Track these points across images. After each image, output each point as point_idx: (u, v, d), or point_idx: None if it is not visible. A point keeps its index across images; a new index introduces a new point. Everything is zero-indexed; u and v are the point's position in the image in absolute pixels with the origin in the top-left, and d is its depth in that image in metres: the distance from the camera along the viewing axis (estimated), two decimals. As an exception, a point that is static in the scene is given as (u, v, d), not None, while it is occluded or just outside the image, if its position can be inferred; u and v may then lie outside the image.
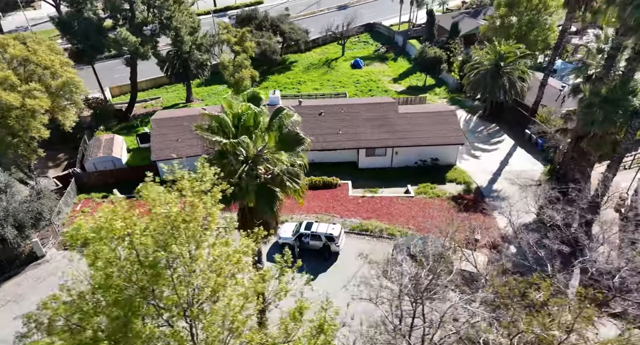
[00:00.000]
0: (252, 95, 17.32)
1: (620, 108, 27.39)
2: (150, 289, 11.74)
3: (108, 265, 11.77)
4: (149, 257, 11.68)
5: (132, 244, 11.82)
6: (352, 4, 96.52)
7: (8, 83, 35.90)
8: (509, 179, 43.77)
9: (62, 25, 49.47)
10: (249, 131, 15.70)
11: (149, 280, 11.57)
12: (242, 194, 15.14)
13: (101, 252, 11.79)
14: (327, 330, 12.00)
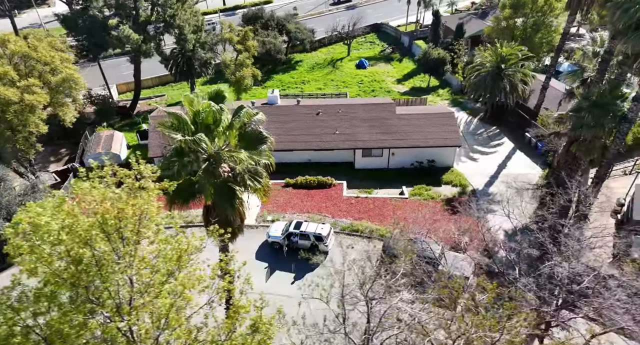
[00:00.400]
0: (216, 93, 17.41)
1: (609, 113, 26.96)
2: (83, 286, 11.83)
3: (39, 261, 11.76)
4: (73, 254, 11.67)
5: (60, 240, 11.80)
6: (361, 4, 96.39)
7: (8, 78, 36.54)
8: (505, 182, 43.24)
9: (67, 23, 50.17)
10: (209, 129, 15.80)
11: (73, 276, 11.67)
12: (199, 192, 15.27)
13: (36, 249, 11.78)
14: (261, 329, 12.04)
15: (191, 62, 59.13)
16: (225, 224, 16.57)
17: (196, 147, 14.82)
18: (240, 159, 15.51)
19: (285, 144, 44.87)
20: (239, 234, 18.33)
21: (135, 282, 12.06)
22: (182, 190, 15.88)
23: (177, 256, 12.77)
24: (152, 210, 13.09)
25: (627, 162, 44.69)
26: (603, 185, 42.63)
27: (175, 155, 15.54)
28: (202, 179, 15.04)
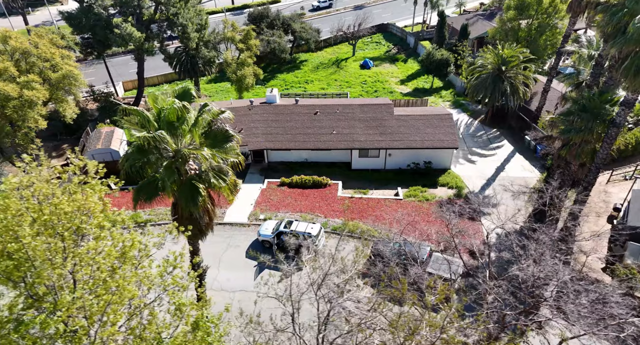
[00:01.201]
0: (183, 91, 17.49)
1: (598, 117, 26.57)
2: (19, 281, 11.97)
3: None
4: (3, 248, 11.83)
5: None
6: (369, 4, 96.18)
7: (8, 74, 37.17)
8: (503, 185, 42.91)
9: (71, 20, 50.85)
10: (172, 126, 15.91)
11: (5, 271, 11.83)
12: (162, 189, 15.40)
13: None
14: (202, 327, 12.09)
15: (195, 60, 59.60)
16: (190, 222, 16.71)
17: (158, 144, 14.94)
18: (202, 156, 15.59)
19: (283, 143, 45.04)
20: (208, 232, 18.41)
21: (77, 279, 12.14)
22: (146, 187, 16.03)
23: (120, 253, 12.78)
24: (94, 206, 13.12)
25: (629, 166, 44.05)
26: (602, 190, 42.19)
27: (136, 152, 15.67)
28: (164, 176, 15.16)
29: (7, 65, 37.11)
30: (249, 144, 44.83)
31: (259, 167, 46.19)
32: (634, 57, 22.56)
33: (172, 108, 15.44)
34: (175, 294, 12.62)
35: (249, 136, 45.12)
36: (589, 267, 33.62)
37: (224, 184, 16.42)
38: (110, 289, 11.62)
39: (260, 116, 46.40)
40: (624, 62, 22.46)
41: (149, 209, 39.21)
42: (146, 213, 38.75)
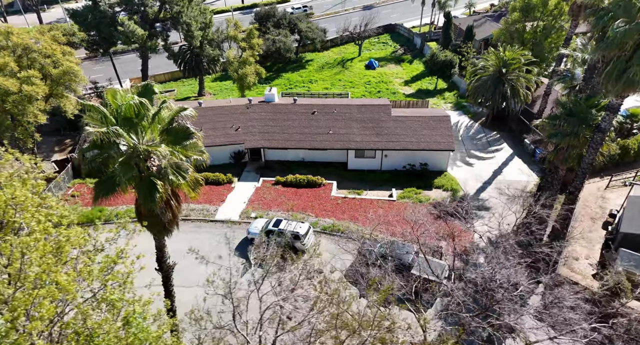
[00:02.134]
0: (145, 88, 17.68)
1: (584, 122, 26.15)
2: None
3: None
4: None
5: None
6: (378, 4, 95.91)
7: (8, 69, 37.92)
8: (498, 188, 42.55)
9: (76, 17, 51.68)
10: (131, 123, 16.11)
11: None
12: (118, 185, 15.60)
13: None
14: (133, 322, 12.18)
15: (199, 58, 60.14)
16: (152, 218, 16.92)
17: (113, 139, 15.14)
18: (159, 152, 15.76)
19: (279, 142, 45.21)
20: (172, 229, 18.58)
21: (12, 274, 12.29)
22: (104, 182, 16.27)
23: (55, 248, 12.84)
24: (25, 200, 13.22)
25: (629, 172, 43.29)
26: (600, 195, 41.52)
27: (92, 147, 15.91)
28: (119, 172, 15.37)
29: (7, 60, 37.89)
30: (246, 142, 45.11)
31: (255, 166, 46.42)
32: (616, 62, 22.20)
33: (128, 104, 15.65)
34: (109, 289, 12.59)
35: (246, 134, 45.39)
36: (580, 272, 33.17)
37: (183, 180, 16.57)
38: (41, 283, 11.71)
39: (257, 115, 46.63)
40: (607, 66, 22.08)
41: (142, 205, 39.70)
42: (140, 208, 39.18)
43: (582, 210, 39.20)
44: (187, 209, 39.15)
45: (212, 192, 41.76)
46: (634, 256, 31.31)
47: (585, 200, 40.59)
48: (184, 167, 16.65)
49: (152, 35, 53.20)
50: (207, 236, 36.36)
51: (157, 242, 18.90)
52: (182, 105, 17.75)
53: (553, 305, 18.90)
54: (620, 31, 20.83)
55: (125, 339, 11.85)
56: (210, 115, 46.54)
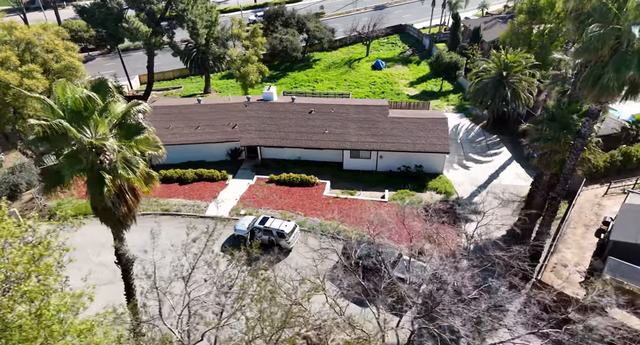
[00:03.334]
0: (99, 83, 17.97)
1: (566, 127, 25.65)
2: None
3: None
4: None
5: None
6: (390, 4, 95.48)
7: (10, 63, 38.87)
8: (493, 192, 41.96)
9: (84, 14, 52.71)
10: (80, 116, 16.38)
11: None
12: (62, 178, 15.90)
13: None
14: (46, 315, 12.30)
15: (205, 56, 60.76)
16: (106, 212, 17.24)
17: (61, 132, 15.41)
18: (107, 146, 16.00)
19: (275, 141, 45.42)
20: (128, 223, 18.83)
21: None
22: (52, 175, 16.58)
23: None
24: None
25: (629, 179, 42.29)
26: (596, 202, 40.63)
27: (38, 139, 16.23)
28: (63, 165, 15.66)
29: (9, 54, 38.85)
30: (242, 140, 45.43)
31: (252, 163, 46.71)
32: (593, 67, 21.77)
33: (74, 97, 15.94)
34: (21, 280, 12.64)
35: (242, 132, 45.72)
36: (567, 279, 32.55)
37: (133, 175, 16.79)
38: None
39: (255, 113, 46.91)
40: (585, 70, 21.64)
41: (135, 199, 40.30)
42: (132, 202, 39.77)
43: (576, 217, 38.48)
44: (178, 205, 39.66)
45: (206, 188, 42.17)
46: (622, 265, 30.60)
47: (581, 206, 39.81)
48: (134, 162, 16.89)
49: (156, 33, 53.92)
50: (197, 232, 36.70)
51: (115, 236, 19.21)
52: (136, 100, 18.00)
53: (495, 308, 18.67)
54: (594, 35, 20.44)
55: (37, 330, 12.01)
56: (208, 112, 47.01)
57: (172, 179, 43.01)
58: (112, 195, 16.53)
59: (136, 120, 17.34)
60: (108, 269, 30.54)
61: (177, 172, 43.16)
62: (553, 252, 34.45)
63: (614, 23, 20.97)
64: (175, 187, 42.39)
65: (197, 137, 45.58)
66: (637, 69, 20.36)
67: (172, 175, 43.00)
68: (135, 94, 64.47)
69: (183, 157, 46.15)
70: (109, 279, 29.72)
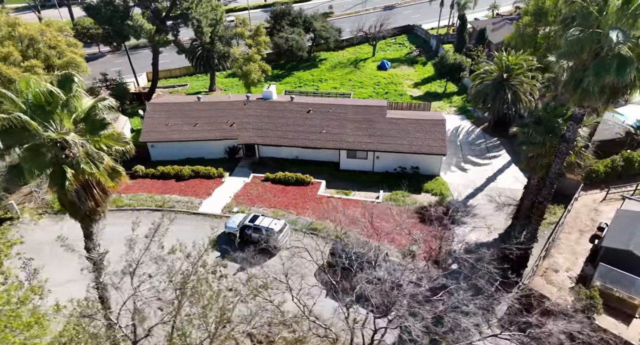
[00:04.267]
0: (65, 77, 18.21)
1: (551, 131, 25.30)
2: None
3: None
4: None
5: None
6: (400, 5, 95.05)
7: (12, 58, 39.68)
8: (489, 196, 41.71)
9: (90, 11, 53.49)
10: (43, 111, 16.63)
11: None
12: (20, 171, 16.17)
13: None
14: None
15: (210, 54, 61.19)
16: (73, 206, 17.52)
17: (19, 125, 15.68)
18: (69, 141, 16.21)
19: (272, 139, 45.60)
20: (96, 217, 19.05)
21: None
22: (14, 168, 16.84)
23: None
24: None
25: (630, 185, 41.51)
26: (593, 208, 39.93)
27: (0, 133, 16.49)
28: (23, 159, 15.93)
29: (11, 50, 39.67)
30: (239, 137, 45.70)
31: (249, 161, 46.96)
32: (575, 71, 21.48)
33: (36, 92, 16.22)
34: None
35: (240, 130, 45.99)
36: (557, 284, 32.10)
37: (96, 169, 17.01)
38: None
39: (253, 111, 47.14)
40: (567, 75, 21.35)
41: (130, 194, 40.90)
42: (127, 198, 40.34)
43: (572, 222, 37.88)
44: (172, 201, 40.06)
45: (202, 185, 42.52)
46: (612, 272, 30.06)
47: (578, 211, 39.18)
48: (98, 157, 17.12)
49: (161, 31, 54.46)
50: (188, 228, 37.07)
51: (84, 230, 19.49)
52: (103, 96, 18.27)
53: (451, 310, 18.56)
54: (573, 39, 20.18)
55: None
56: (207, 110, 47.39)
57: (169, 176, 43.46)
58: (75, 190, 16.77)
59: (101, 115, 17.56)
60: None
61: (175, 168, 43.58)
62: (545, 257, 34.01)
63: (594, 27, 20.68)
64: (171, 184, 42.83)
65: (195, 134, 45.98)
66: (616, 73, 20.05)
67: (169, 172, 43.44)
68: (141, 91, 65.21)
69: (182, 154, 46.61)
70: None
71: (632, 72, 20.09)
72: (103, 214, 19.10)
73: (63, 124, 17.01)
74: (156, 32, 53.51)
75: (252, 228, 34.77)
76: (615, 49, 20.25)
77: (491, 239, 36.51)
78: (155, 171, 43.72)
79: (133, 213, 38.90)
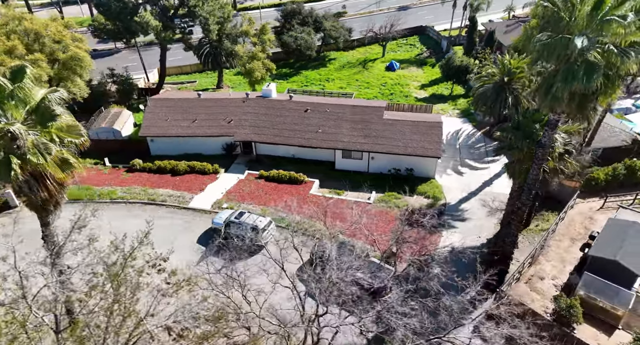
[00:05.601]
0: (17, 69, 18.57)
1: (529, 136, 24.78)
2: None
3: None
4: None
5: None
6: (415, 5, 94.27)
7: (17, 52, 40.88)
8: (482, 200, 41.12)
9: (99, 7, 54.65)
10: None
11: None
12: None
13: None
14: None
15: (218, 51, 61.81)
16: (27, 197, 17.99)
17: None
18: (14, 131, 16.61)
19: (268, 137, 45.87)
20: (50, 208, 19.43)
21: None
22: None
23: None
24: None
25: (630, 194, 40.35)
26: (589, 216, 38.93)
27: None
28: None
29: (16, 43, 40.86)
30: (236, 134, 46.10)
31: (246, 159, 47.32)
32: (547, 77, 21.03)
33: None
34: None
35: (237, 127, 46.39)
36: (540, 292, 31.44)
37: (43, 160, 17.37)
38: None
39: (252, 109, 47.48)
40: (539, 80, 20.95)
41: (125, 187, 41.66)
42: (122, 191, 41.09)
43: (564, 229, 37.04)
44: (165, 195, 40.66)
45: (196, 180, 43.03)
46: (596, 281, 29.31)
47: (572, 219, 38.27)
48: (45, 148, 17.49)
49: (168, 27, 55.27)
50: (179, 222, 37.65)
51: (40, 220, 19.95)
52: (55, 88, 18.68)
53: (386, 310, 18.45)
54: (540, 45, 19.77)
55: None
56: (207, 106, 47.94)
57: (165, 170, 44.10)
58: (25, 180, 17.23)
59: (50, 107, 17.92)
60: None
61: (171, 163, 44.19)
62: (532, 264, 33.35)
63: (564, 32, 20.27)
64: (167, 178, 43.46)
65: (193, 130, 46.56)
66: (582, 80, 19.60)
67: (166, 167, 44.07)
68: (150, 86, 66.30)
69: (181, 149, 47.26)
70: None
71: (599, 78, 19.61)
72: (58, 205, 19.51)
73: (14, 115, 17.49)
74: (164, 29, 54.31)
75: (237, 224, 35.03)
76: (585, 55, 19.79)
77: (478, 244, 35.97)
78: (152, 165, 44.41)
79: (125, 206, 39.71)
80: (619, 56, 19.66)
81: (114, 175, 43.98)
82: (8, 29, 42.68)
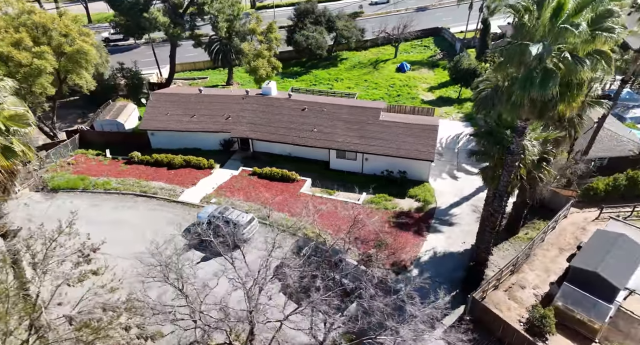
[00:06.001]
0: None
1: (500, 142, 24.23)
2: None
3: None
4: None
5: None
6: (433, 7, 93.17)
7: (24, 44, 42.32)
8: (474, 205, 40.41)
9: (111, 2, 56.04)
10: None
11: None
12: None
13: None
14: None
15: (227, 49, 62.60)
16: None
17: None
18: None
19: (264, 134, 46.22)
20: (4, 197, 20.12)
21: None
22: None
23: None
24: None
25: (629, 206, 39.05)
26: (580, 227, 37.81)
27: None
28: None
29: (23, 35, 42.30)
30: (232, 131, 46.59)
31: (243, 155, 47.76)
32: (510, 84, 20.63)
33: None
34: None
35: (234, 124, 46.88)
36: (519, 301, 30.73)
37: None
38: None
39: (250, 106, 47.90)
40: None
41: (120, 178, 42.63)
42: (116, 182, 42.07)
43: (554, 239, 36.15)
44: (157, 188, 41.41)
45: (190, 174, 43.69)
46: (575, 292, 28.51)
47: (564, 229, 37.30)
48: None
49: (177, 24, 56.21)
50: (168, 215, 38.29)
51: None
52: (2, 77, 19.38)
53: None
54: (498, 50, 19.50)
55: None
56: (207, 102, 48.60)
57: (162, 163, 44.93)
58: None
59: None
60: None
61: (168, 157, 45.00)
62: (514, 272, 32.61)
63: (526, 39, 19.84)
64: (162, 171, 44.26)
65: (192, 126, 47.29)
66: (538, 87, 19.12)
67: (163, 160, 44.90)
68: (162, 81, 67.55)
69: (180, 143, 48.07)
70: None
71: (555, 86, 19.11)
72: (7, 192, 20.17)
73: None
74: (173, 25, 55.23)
75: (219, 219, 35.36)
76: (543, 62, 19.35)
77: (462, 250, 35.35)
78: (149, 158, 45.32)
79: (118, 196, 40.66)
80: (573, 64, 19.15)
81: (113, 167, 45.07)
82: (19, 21, 44.21)
